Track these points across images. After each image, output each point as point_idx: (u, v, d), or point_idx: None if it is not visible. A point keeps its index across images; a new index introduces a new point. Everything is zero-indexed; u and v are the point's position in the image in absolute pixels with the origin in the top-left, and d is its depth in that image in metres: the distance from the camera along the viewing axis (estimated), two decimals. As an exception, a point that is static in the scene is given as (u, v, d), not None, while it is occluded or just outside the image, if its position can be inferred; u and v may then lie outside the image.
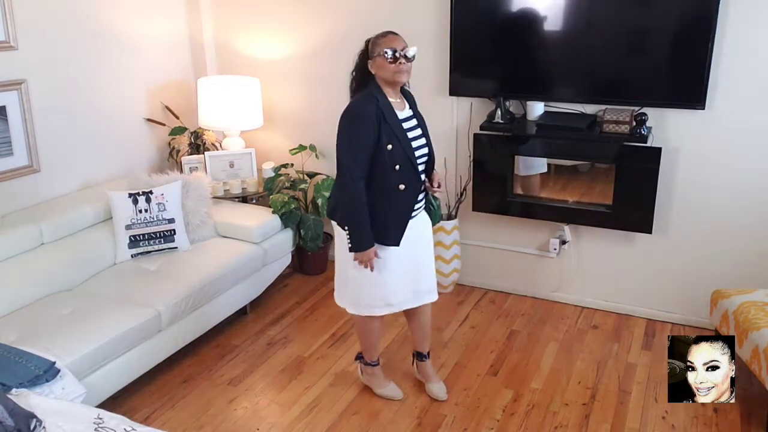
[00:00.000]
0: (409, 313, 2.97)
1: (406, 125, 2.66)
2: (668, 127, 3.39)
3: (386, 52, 2.56)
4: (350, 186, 2.59)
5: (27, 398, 2.14)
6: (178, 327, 3.18)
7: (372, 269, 2.67)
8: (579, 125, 3.40)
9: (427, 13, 3.73)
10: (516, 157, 3.68)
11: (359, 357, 3.10)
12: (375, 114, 2.57)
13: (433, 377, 3.08)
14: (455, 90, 3.70)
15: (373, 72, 2.65)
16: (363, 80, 2.69)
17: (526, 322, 3.70)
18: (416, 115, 2.74)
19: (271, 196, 3.93)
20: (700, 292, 3.51)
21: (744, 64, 3.18)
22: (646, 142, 3.30)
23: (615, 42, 3.34)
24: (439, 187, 2.78)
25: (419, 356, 3.09)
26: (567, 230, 3.74)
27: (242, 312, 3.75)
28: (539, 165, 3.76)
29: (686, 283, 3.58)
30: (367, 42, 2.68)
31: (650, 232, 3.47)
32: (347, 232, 2.65)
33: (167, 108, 4.24)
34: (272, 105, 4.36)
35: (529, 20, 3.45)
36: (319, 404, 3.01)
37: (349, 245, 2.65)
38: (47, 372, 2.37)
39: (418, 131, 2.71)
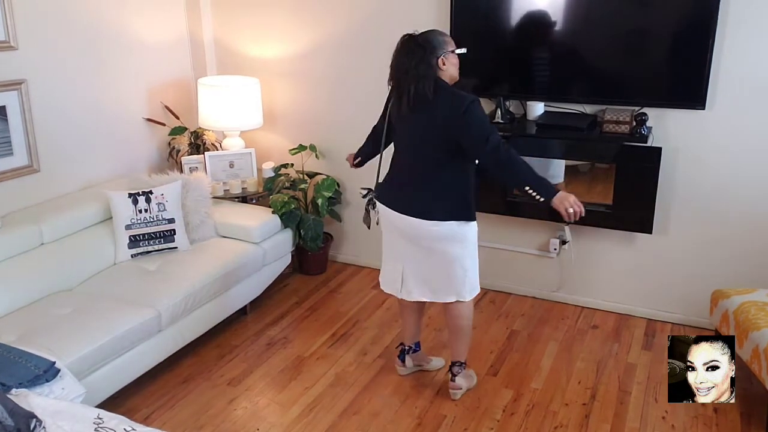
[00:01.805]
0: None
1: None
2: (668, 127, 3.39)
3: (458, 50, 2.68)
4: (511, 153, 2.60)
5: (27, 398, 2.14)
6: (178, 327, 3.17)
7: (579, 208, 2.56)
8: (579, 125, 3.40)
9: (427, 14, 3.73)
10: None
11: (461, 365, 2.99)
12: None
13: (427, 355, 3.29)
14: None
15: (443, 69, 2.65)
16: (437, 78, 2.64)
17: (526, 322, 3.70)
18: None
19: (271, 196, 3.93)
20: (700, 292, 3.51)
21: (744, 64, 3.18)
22: (646, 142, 3.30)
23: (615, 42, 3.34)
24: None
25: (418, 346, 3.21)
26: (567, 230, 3.74)
27: (242, 312, 3.75)
28: (556, 176, 3.71)
29: (686, 283, 3.58)
30: (418, 39, 2.63)
31: (650, 232, 3.46)
32: (531, 190, 2.61)
33: (167, 108, 4.24)
34: (272, 105, 4.36)
35: (529, 20, 3.44)
36: (319, 404, 3.01)
37: (542, 199, 2.60)
38: (47, 372, 2.37)
39: None
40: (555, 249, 3.80)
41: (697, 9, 3.12)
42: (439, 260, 2.81)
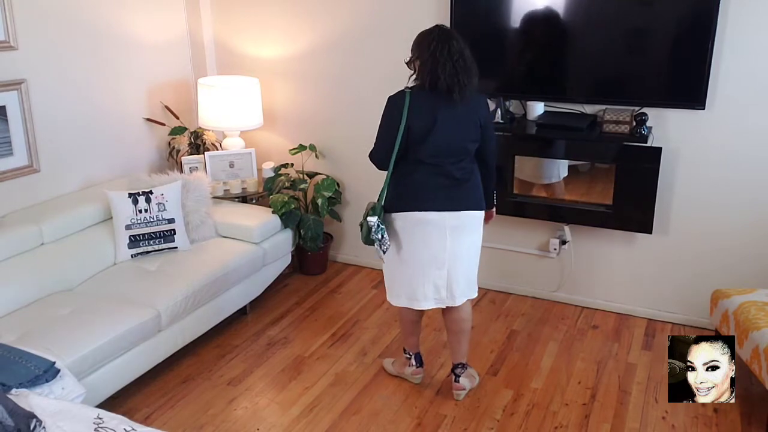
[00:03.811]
0: None
1: None
2: (668, 127, 3.39)
3: None
4: None
5: (27, 398, 2.14)
6: (178, 327, 3.17)
7: None
8: (579, 125, 3.40)
9: (427, 13, 3.73)
10: (536, 163, 3.67)
11: (464, 366, 3.03)
12: None
13: None
14: (455, 90, 3.70)
15: None
16: None
17: (526, 322, 3.70)
18: None
19: (271, 196, 3.93)
20: (700, 292, 3.51)
21: (744, 64, 3.18)
22: (646, 142, 3.30)
23: (615, 42, 3.34)
24: None
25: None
26: (567, 230, 3.74)
27: (242, 312, 3.75)
28: (561, 171, 3.72)
29: (686, 283, 3.58)
30: (453, 30, 2.73)
31: (650, 232, 3.46)
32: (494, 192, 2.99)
33: (167, 108, 4.24)
34: (272, 105, 4.36)
35: (529, 20, 3.44)
36: (319, 404, 3.01)
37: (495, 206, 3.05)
38: (47, 372, 2.37)
39: None
40: (555, 249, 3.80)
41: (697, 9, 3.12)
42: (474, 250, 2.90)
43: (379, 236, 2.73)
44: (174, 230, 3.51)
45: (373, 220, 2.73)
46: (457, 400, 3.01)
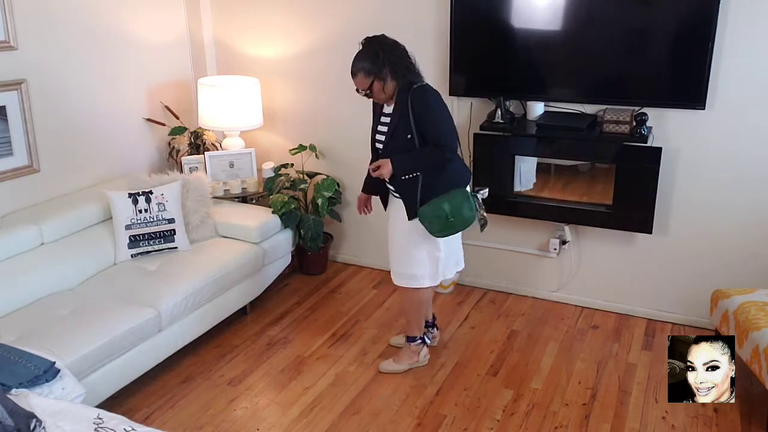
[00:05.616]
0: None
1: (382, 118, 3.03)
2: (668, 127, 3.39)
3: None
4: None
5: (27, 398, 2.14)
6: (178, 327, 3.18)
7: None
8: (579, 125, 3.40)
9: (427, 13, 3.73)
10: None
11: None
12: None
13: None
14: (455, 90, 3.70)
15: None
16: None
17: (526, 322, 3.70)
18: (398, 112, 2.91)
19: (271, 196, 3.93)
20: (700, 292, 3.51)
21: (744, 64, 3.18)
22: (646, 142, 3.30)
23: (615, 42, 3.34)
24: (375, 170, 2.97)
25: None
26: (567, 230, 3.74)
27: (242, 312, 3.75)
28: (529, 180, 3.79)
29: (686, 283, 3.58)
30: None
31: (650, 232, 3.46)
32: None
33: (167, 108, 4.24)
34: (272, 105, 4.36)
35: (529, 20, 3.44)
36: (319, 404, 3.01)
37: None
38: (47, 372, 2.37)
39: (386, 127, 2.98)
40: (555, 249, 3.80)
41: (697, 9, 3.12)
42: None
43: (479, 209, 3.00)
44: (174, 230, 3.51)
45: (484, 191, 3.03)
46: (434, 345, 3.40)
